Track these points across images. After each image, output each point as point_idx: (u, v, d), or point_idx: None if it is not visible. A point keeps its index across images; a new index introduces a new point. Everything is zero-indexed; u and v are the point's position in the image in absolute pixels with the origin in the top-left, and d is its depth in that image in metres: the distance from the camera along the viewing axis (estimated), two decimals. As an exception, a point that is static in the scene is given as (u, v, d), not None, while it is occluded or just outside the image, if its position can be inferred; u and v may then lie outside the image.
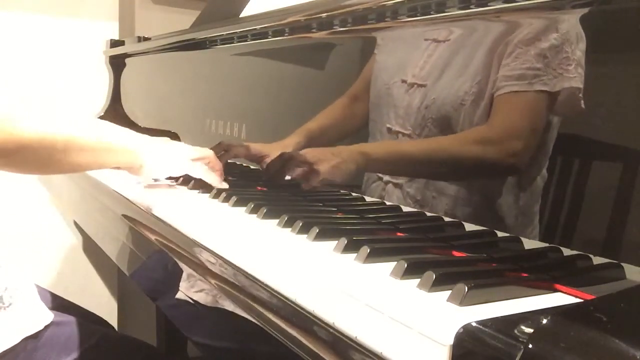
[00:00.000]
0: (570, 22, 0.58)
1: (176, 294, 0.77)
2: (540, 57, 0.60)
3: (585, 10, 0.57)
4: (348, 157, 0.84)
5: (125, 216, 0.97)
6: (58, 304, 1.02)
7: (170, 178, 1.02)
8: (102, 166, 0.91)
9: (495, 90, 0.64)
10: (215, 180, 0.94)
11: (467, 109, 0.67)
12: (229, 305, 0.63)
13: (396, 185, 0.78)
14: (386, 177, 0.80)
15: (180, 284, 0.76)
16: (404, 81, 0.77)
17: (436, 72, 0.73)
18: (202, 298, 0.70)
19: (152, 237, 0.84)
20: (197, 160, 0.95)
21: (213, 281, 0.67)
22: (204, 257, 0.70)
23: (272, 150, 0.99)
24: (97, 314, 1.13)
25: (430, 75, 0.73)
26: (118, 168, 0.94)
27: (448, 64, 0.71)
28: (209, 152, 0.97)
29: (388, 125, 0.80)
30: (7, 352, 0.78)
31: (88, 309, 1.11)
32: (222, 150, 1.09)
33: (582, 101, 0.57)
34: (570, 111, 0.59)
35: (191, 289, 0.72)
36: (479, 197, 0.67)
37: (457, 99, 0.69)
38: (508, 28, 0.64)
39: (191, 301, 0.73)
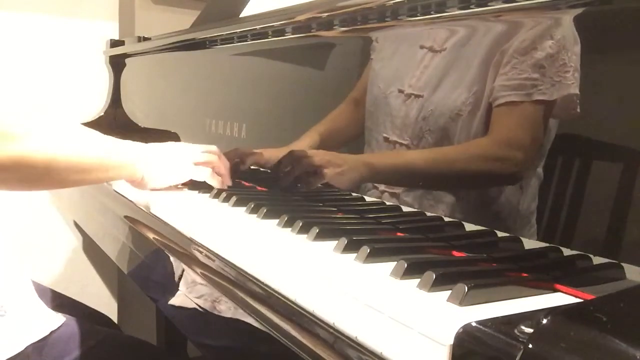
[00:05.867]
0: (566, 25, 0.58)
1: (176, 294, 0.77)
2: (537, 67, 0.60)
3: (583, 9, 0.57)
4: (354, 165, 0.84)
5: (125, 216, 0.97)
6: (60, 302, 1.02)
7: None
8: (96, 182, 0.89)
9: (493, 99, 0.65)
10: (218, 184, 0.93)
11: (465, 119, 0.68)
12: (228, 305, 0.63)
13: (392, 194, 0.78)
14: (382, 186, 0.79)
15: (180, 284, 0.76)
16: (400, 91, 0.77)
17: (433, 83, 0.73)
18: (201, 298, 0.70)
19: (152, 237, 0.84)
20: (201, 164, 0.93)
21: (213, 281, 0.67)
22: (204, 257, 0.70)
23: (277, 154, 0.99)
24: (97, 314, 1.13)
25: (427, 86, 0.74)
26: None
27: (444, 74, 0.72)
28: (213, 157, 0.95)
29: (385, 135, 0.80)
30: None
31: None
32: (236, 158, 1.07)
33: (579, 107, 0.57)
34: (567, 115, 0.59)
35: (191, 289, 0.73)
36: (477, 203, 0.68)
37: (455, 109, 0.69)
38: (503, 36, 0.64)
39: (191, 301, 0.73)
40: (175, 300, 0.78)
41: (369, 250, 0.57)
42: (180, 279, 0.76)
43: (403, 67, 0.78)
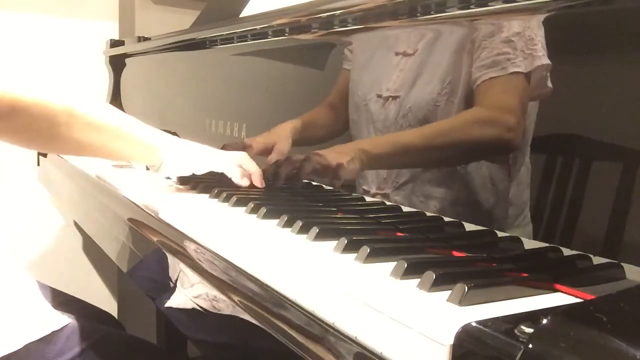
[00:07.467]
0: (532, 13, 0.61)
1: (175, 293, 0.77)
2: (506, 42, 0.63)
3: (552, 13, 0.59)
4: (354, 155, 0.84)
5: (125, 216, 0.97)
6: (60, 300, 1.02)
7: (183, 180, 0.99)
8: (114, 155, 0.87)
9: (472, 83, 0.67)
10: (246, 184, 0.91)
11: (442, 109, 0.70)
12: (228, 305, 0.63)
13: (383, 195, 0.78)
14: (373, 189, 0.80)
15: (180, 283, 0.76)
16: (379, 96, 0.79)
17: (408, 82, 0.75)
18: (200, 297, 0.70)
19: (152, 236, 0.84)
20: (240, 167, 0.91)
21: (212, 281, 0.67)
22: (204, 256, 0.70)
23: (265, 141, 1.00)
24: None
25: (402, 87, 0.76)
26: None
27: (419, 72, 0.74)
28: (255, 168, 0.91)
29: None
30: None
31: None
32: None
33: (549, 80, 0.59)
34: (539, 91, 0.61)
35: (190, 288, 0.73)
36: (467, 196, 0.68)
37: (431, 101, 0.71)
38: (472, 29, 0.67)
39: (190, 300, 0.73)
40: (174, 300, 0.78)
41: (369, 250, 0.57)
42: (179, 278, 0.76)
43: (379, 72, 0.80)
